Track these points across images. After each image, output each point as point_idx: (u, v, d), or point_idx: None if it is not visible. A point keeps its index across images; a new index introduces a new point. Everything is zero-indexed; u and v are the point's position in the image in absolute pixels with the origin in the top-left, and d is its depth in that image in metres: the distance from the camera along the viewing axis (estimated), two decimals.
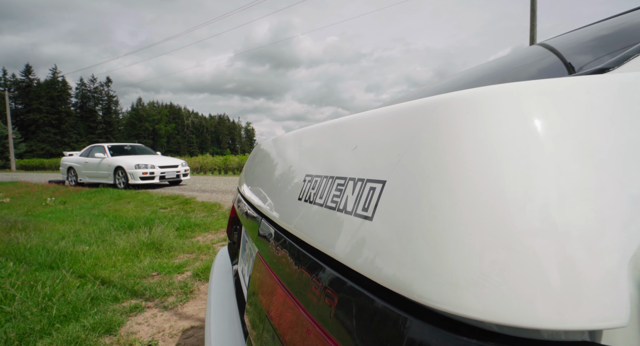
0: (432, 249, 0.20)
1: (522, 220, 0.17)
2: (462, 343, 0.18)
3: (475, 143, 0.20)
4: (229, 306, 0.79)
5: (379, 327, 0.22)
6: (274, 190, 0.52)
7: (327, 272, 0.30)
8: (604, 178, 0.18)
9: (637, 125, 0.20)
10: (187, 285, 2.19)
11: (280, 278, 0.39)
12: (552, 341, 0.17)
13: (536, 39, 12.37)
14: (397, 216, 0.23)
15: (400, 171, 0.24)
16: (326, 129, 0.44)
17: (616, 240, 0.17)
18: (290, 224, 0.40)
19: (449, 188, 0.20)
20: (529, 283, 0.17)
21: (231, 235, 1.06)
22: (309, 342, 0.28)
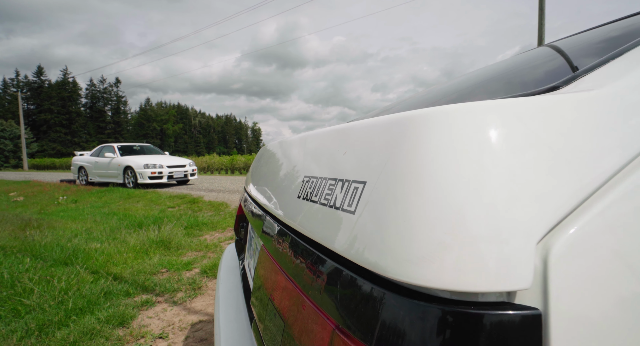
0: (397, 235, 0.26)
1: (461, 214, 0.23)
2: (418, 306, 0.24)
3: (433, 152, 0.26)
4: (235, 296, 0.85)
5: (357, 297, 0.28)
6: (278, 189, 0.58)
7: (320, 258, 0.36)
8: (523, 183, 0.23)
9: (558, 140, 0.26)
10: (195, 281, 2.27)
11: (282, 265, 0.45)
12: (483, 302, 0.23)
13: (544, 38, 12.25)
14: (373, 210, 0.29)
15: (377, 174, 0.30)
16: (322, 136, 0.50)
17: (525, 230, 0.22)
18: (292, 220, 0.46)
19: (412, 189, 0.26)
20: (464, 259, 0.22)
21: (238, 231, 1.12)
22: (303, 315, 0.34)
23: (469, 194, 0.23)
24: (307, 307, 0.34)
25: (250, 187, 0.92)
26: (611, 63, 0.34)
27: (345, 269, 0.31)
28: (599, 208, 0.23)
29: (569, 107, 0.28)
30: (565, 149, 0.26)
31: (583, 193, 0.24)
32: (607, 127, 0.26)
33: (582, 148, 0.25)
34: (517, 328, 0.21)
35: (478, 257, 0.22)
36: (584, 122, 0.26)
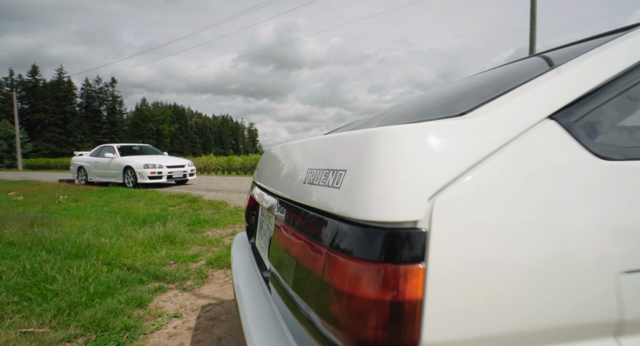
0: (360, 198, 0.47)
1: (393, 185, 0.45)
2: (374, 230, 0.45)
3: (382, 154, 0.48)
4: (249, 267, 1.07)
5: (337, 233, 0.49)
6: (288, 179, 0.80)
7: (317, 217, 0.57)
8: (423, 169, 0.45)
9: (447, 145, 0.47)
10: (202, 271, 2.47)
11: (293, 227, 0.66)
12: (404, 225, 0.44)
13: (535, 42, 12.56)
14: (349, 185, 0.50)
15: (352, 165, 0.51)
16: (320, 141, 0.71)
17: (423, 194, 0.43)
18: (300, 198, 0.68)
19: (369, 172, 0.47)
20: (395, 207, 0.44)
21: (249, 219, 1.34)
22: (308, 251, 0.55)
23: (397, 175, 0.45)
24: (310, 245, 0.55)
25: (262, 180, 1.13)
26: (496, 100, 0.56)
27: (330, 219, 0.52)
28: (460, 185, 0.45)
29: (459, 128, 0.50)
30: (449, 151, 0.47)
31: (453, 175, 0.45)
32: (471, 138, 0.48)
33: (458, 151, 0.47)
34: (417, 236, 0.42)
35: (402, 206, 0.43)
36: (463, 136, 0.48)
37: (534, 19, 12.39)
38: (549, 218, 0.46)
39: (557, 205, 0.47)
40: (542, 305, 0.44)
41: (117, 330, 1.59)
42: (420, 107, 0.98)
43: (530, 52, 12.24)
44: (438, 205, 0.43)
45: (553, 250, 0.45)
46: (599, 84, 0.56)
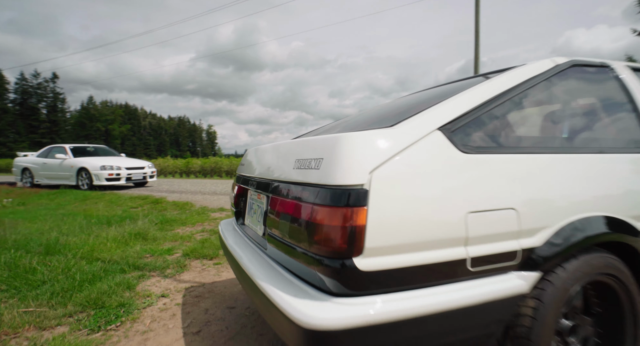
0: (331, 172, 0.83)
1: (350, 163, 0.81)
2: (339, 189, 0.81)
3: (344, 149, 0.84)
4: (240, 238, 1.39)
5: (316, 195, 0.85)
6: (280, 167, 1.14)
7: (305, 188, 0.92)
8: (365, 154, 0.82)
9: (380, 142, 0.84)
10: (179, 261, 2.68)
11: (285, 197, 1.01)
12: (356, 187, 0.80)
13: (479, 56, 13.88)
14: (325, 167, 0.86)
15: (327, 155, 0.87)
16: (301, 142, 1.07)
17: (366, 169, 0.80)
18: (292, 178, 1.02)
19: (336, 158, 0.84)
20: (351, 176, 0.80)
21: (238, 205, 1.64)
22: (299, 210, 0.90)
23: (352, 161, 0.81)
24: (301, 205, 0.90)
25: (250, 172, 1.46)
26: (410, 118, 0.95)
27: (313, 187, 0.88)
28: (385, 166, 0.82)
29: (386, 135, 0.88)
30: (379, 148, 0.84)
31: (381, 161, 0.82)
32: (392, 140, 0.86)
33: (384, 148, 0.84)
34: (362, 192, 0.79)
35: (354, 177, 0.80)
36: (388, 139, 0.86)
37: (477, 36, 13.73)
38: (432, 182, 0.86)
39: (436, 175, 0.87)
40: (426, 227, 0.83)
41: (113, 306, 1.80)
42: (367, 119, 1.38)
43: (475, 65, 13.56)
44: (373, 176, 0.81)
45: (431, 197, 0.85)
46: (465, 111, 0.98)
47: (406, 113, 1.06)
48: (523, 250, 0.93)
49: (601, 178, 1.11)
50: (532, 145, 1.14)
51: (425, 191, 0.85)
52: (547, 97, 1.26)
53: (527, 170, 0.99)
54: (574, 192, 1.03)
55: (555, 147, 1.15)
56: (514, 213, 0.92)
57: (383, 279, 0.80)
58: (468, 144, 0.95)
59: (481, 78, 1.29)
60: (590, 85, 1.36)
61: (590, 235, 1.00)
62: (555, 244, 0.95)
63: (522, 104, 1.16)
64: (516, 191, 0.95)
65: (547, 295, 0.94)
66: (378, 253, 0.80)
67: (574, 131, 1.25)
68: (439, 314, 0.81)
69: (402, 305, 0.79)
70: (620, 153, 1.20)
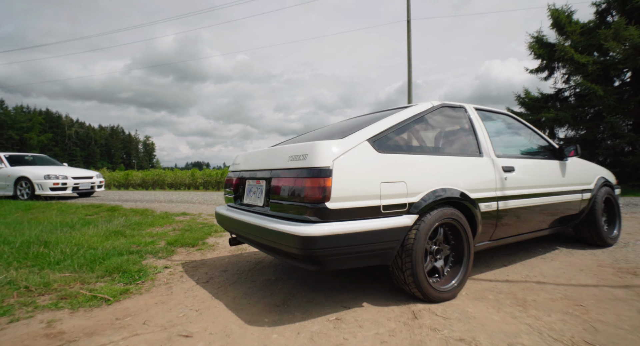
0: (312, 161, 1.62)
1: (323, 155, 1.61)
2: (309, 170, 1.60)
3: (318, 150, 1.64)
4: (240, 211, 2.10)
5: (304, 171, 1.63)
6: (277, 160, 1.89)
7: (296, 171, 1.69)
8: (332, 149, 1.62)
9: (337, 145, 1.65)
10: (167, 248, 3.19)
11: (284, 177, 1.76)
12: (325, 167, 1.59)
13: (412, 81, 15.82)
14: (309, 159, 1.64)
15: (309, 153, 1.66)
16: (291, 146, 1.84)
17: (332, 157, 1.60)
18: (287, 166, 1.79)
19: (314, 155, 1.63)
20: (323, 162, 1.60)
21: (237, 191, 2.33)
22: (296, 185, 1.66)
23: (322, 155, 1.61)
24: (294, 180, 1.66)
25: (249, 166, 2.18)
26: (353, 133, 1.78)
27: (301, 169, 1.65)
28: (340, 159, 1.63)
29: (340, 142, 1.70)
30: (337, 149, 1.66)
31: (337, 156, 1.62)
32: (342, 146, 1.67)
33: (338, 149, 1.65)
34: (329, 170, 1.58)
35: (324, 162, 1.59)
36: (340, 146, 1.67)
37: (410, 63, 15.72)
38: (363, 166, 1.69)
39: (364, 163, 1.71)
40: (360, 188, 1.65)
41: (133, 271, 2.33)
42: (328, 132, 2.20)
43: (408, 88, 15.50)
44: (334, 163, 1.62)
45: (362, 174, 1.68)
46: (380, 131, 1.86)
47: (349, 131, 1.90)
48: (409, 203, 1.80)
49: (451, 168, 2.05)
50: (416, 150, 2.05)
51: (359, 171, 1.68)
52: (427, 123, 2.21)
53: (412, 162, 1.89)
54: (436, 175, 1.95)
55: (429, 151, 2.09)
56: (404, 184, 1.80)
57: (339, 213, 1.60)
58: (381, 148, 1.81)
59: (393, 110, 2.20)
60: (452, 118, 2.36)
61: (443, 197, 1.91)
62: (426, 201, 1.85)
63: (413, 127, 2.08)
64: (405, 173, 1.83)
65: (421, 227, 1.82)
66: (337, 201, 1.60)
67: (439, 143, 2.22)
68: (366, 232, 1.63)
69: (348, 226, 1.59)
70: (462, 156, 2.18)
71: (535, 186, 2.50)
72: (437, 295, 1.85)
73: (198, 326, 1.57)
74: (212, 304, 1.85)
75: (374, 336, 1.46)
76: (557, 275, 2.31)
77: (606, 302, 1.82)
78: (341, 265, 1.65)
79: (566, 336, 1.46)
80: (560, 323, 1.58)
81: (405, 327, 1.55)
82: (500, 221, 2.26)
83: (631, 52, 9.92)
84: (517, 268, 2.48)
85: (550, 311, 1.72)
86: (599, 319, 1.62)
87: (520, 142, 2.82)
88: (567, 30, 12.01)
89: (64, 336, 1.43)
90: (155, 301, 1.87)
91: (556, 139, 12.86)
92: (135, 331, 1.50)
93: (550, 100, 12.87)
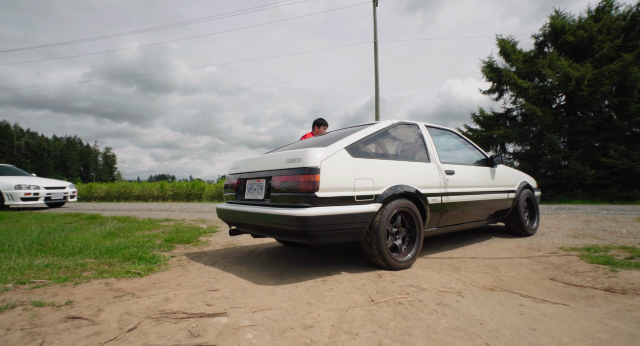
0: (305, 161, 2.21)
1: (313, 156, 2.20)
2: (306, 167, 2.19)
3: (310, 155, 2.23)
4: (240, 204, 2.63)
5: (297, 171, 2.22)
6: (275, 163, 2.45)
7: (291, 170, 2.26)
8: (318, 155, 2.22)
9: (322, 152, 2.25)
10: (165, 244, 3.58)
11: (283, 175, 2.33)
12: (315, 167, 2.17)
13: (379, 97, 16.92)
14: (302, 161, 2.23)
15: (302, 157, 2.25)
16: (287, 151, 2.42)
17: (319, 159, 2.20)
18: (284, 166, 2.36)
19: (306, 158, 2.22)
20: (313, 162, 2.19)
21: (238, 189, 2.85)
22: (288, 180, 2.23)
23: (312, 157, 2.20)
24: (291, 177, 2.24)
25: (250, 168, 2.73)
26: (334, 142, 2.39)
27: (296, 167, 2.24)
28: (325, 161, 2.23)
29: (324, 149, 2.31)
30: (322, 154, 2.26)
31: (323, 159, 2.22)
32: (326, 152, 2.27)
33: (323, 154, 2.25)
34: (317, 169, 2.18)
35: (314, 163, 2.19)
36: (325, 151, 2.27)
37: (377, 81, 16.87)
38: (341, 167, 2.31)
39: (342, 165, 2.32)
40: (340, 183, 2.26)
41: (147, 258, 2.75)
42: (314, 141, 2.81)
43: (375, 104, 16.59)
44: (321, 164, 2.22)
45: (341, 173, 2.29)
46: (354, 141, 2.50)
47: (331, 141, 2.52)
48: (375, 195, 2.43)
49: (406, 170, 2.72)
50: (380, 156, 2.71)
51: (339, 170, 2.29)
52: (389, 136, 2.89)
53: (377, 165, 2.53)
54: (395, 175, 2.61)
55: (390, 157, 2.76)
56: (372, 181, 2.43)
57: (325, 201, 2.19)
58: (355, 154, 2.44)
59: (363, 126, 2.86)
60: (407, 132, 3.06)
61: (400, 192, 2.56)
62: (387, 194, 2.48)
63: (378, 139, 2.75)
64: (372, 173, 2.46)
65: (384, 213, 2.45)
66: (323, 191, 2.19)
67: (398, 151, 2.90)
68: (344, 214, 2.23)
69: (331, 210, 2.18)
70: (415, 161, 2.87)
71: (470, 186, 3.25)
72: (397, 264, 2.47)
73: (220, 285, 2.07)
74: (225, 275, 2.34)
75: (350, 287, 2.04)
76: (486, 253, 3.03)
77: (513, 266, 2.54)
78: (326, 239, 2.23)
79: (481, 284, 2.12)
80: (479, 278, 2.26)
81: (373, 282, 2.15)
82: (444, 212, 2.95)
83: (563, 79, 11.56)
84: (458, 251, 3.18)
85: (475, 272, 2.40)
86: (505, 275, 2.32)
87: (460, 152, 3.60)
88: (512, 57, 13.68)
89: (123, 290, 1.88)
90: (178, 275, 2.33)
91: (506, 153, 14.39)
92: (174, 289, 1.97)
93: (501, 119, 14.41)
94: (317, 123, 4.75)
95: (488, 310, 1.61)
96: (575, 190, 11.41)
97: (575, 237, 3.64)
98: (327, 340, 1.30)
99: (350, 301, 1.75)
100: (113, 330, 1.35)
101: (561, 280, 2.12)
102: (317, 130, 4.75)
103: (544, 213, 6.30)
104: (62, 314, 1.48)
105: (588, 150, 12.05)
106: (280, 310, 1.62)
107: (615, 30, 11.39)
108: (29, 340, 1.23)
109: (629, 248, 2.88)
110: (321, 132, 4.63)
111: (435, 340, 1.29)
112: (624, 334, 1.32)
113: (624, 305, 1.64)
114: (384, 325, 1.43)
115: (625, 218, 5.11)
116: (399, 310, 1.61)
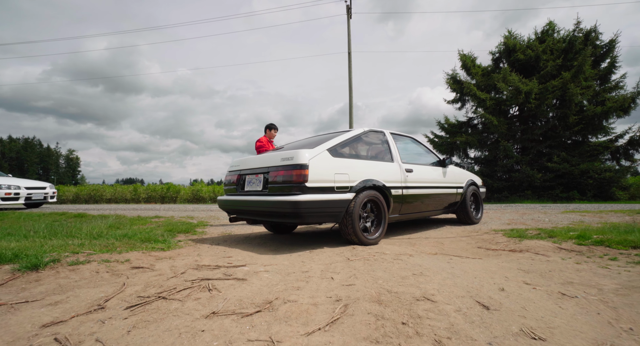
0: (297, 160, 2.87)
1: (303, 155, 2.86)
2: (297, 164, 2.84)
3: (300, 155, 2.89)
4: (239, 194, 3.24)
5: (290, 167, 2.87)
6: (272, 161, 3.09)
7: (287, 167, 2.91)
8: (308, 155, 2.88)
9: (310, 152, 2.91)
10: (168, 233, 4.08)
11: (279, 170, 2.96)
12: (303, 165, 2.82)
13: (353, 103, 17.80)
14: (295, 159, 2.88)
15: (294, 156, 2.90)
16: (282, 151, 3.07)
17: (308, 158, 2.86)
18: (280, 163, 3.00)
19: (297, 157, 2.88)
20: (303, 160, 2.85)
21: (238, 183, 3.45)
22: (283, 173, 2.87)
23: (302, 156, 2.86)
24: (286, 172, 2.88)
25: (249, 166, 3.34)
26: (319, 144, 3.06)
27: (291, 163, 2.89)
28: (313, 160, 2.89)
29: (312, 150, 2.97)
30: (309, 154, 2.92)
31: (310, 158, 2.88)
32: (313, 152, 2.93)
33: (310, 154, 2.91)
34: (306, 165, 2.83)
35: (304, 161, 2.85)
36: (312, 152, 2.94)
37: (351, 88, 17.78)
38: (324, 164, 2.98)
39: (325, 163, 3.00)
40: (323, 177, 2.93)
41: (161, 241, 3.27)
42: (303, 143, 3.47)
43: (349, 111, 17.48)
44: (309, 161, 2.88)
45: (324, 169, 2.97)
46: (333, 145, 3.19)
47: (316, 144, 3.20)
48: (350, 186, 3.12)
49: (374, 168, 3.45)
50: (354, 156, 3.43)
51: (322, 166, 2.96)
52: (361, 140, 3.61)
53: (352, 164, 3.23)
54: (365, 171, 3.32)
55: (362, 157, 3.47)
56: (348, 175, 3.12)
57: (312, 190, 2.85)
58: (334, 155, 3.13)
59: (341, 132, 3.56)
60: (376, 138, 3.80)
61: (370, 184, 3.27)
62: (359, 186, 3.18)
63: (352, 143, 3.46)
64: (348, 169, 3.15)
65: (357, 201, 3.15)
66: (311, 182, 2.85)
67: (368, 153, 3.64)
68: (327, 200, 2.90)
69: (317, 196, 2.85)
70: (381, 161, 3.60)
71: (426, 182, 4.03)
72: (367, 241, 3.17)
73: (232, 254, 2.66)
74: (232, 249, 2.93)
75: (332, 253, 2.71)
76: (437, 235, 3.81)
77: (455, 242, 3.32)
78: (314, 219, 2.88)
79: (427, 251, 2.86)
80: (428, 249, 3.00)
81: (349, 251, 2.83)
82: (404, 202, 3.70)
83: (514, 92, 12.97)
84: (417, 234, 3.95)
85: (426, 245, 3.14)
86: (447, 246, 3.09)
87: (418, 155, 4.39)
88: (472, 71, 15.06)
89: (159, 257, 2.43)
90: (194, 250, 2.90)
91: (467, 158, 15.71)
92: (196, 257, 2.55)
93: (464, 127, 15.73)
94: (269, 127, 5.53)
95: (427, 261, 2.33)
96: (526, 192, 12.79)
97: (508, 224, 4.54)
98: (319, 275, 1.96)
99: (333, 259, 2.42)
100: (170, 273, 1.93)
101: (484, 247, 2.91)
102: (269, 133, 5.53)
103: (493, 209, 7.31)
104: (128, 265, 2.03)
105: (537, 155, 13.54)
106: (283, 265, 2.26)
107: (557, 51, 12.99)
108: (117, 277, 1.79)
109: (541, 229, 3.77)
110: (273, 135, 5.43)
111: (389, 271, 1.99)
112: (506, 268, 2.09)
113: (516, 257, 2.42)
114: (356, 268, 2.11)
115: (553, 212, 6.17)
116: (367, 262, 2.30)
